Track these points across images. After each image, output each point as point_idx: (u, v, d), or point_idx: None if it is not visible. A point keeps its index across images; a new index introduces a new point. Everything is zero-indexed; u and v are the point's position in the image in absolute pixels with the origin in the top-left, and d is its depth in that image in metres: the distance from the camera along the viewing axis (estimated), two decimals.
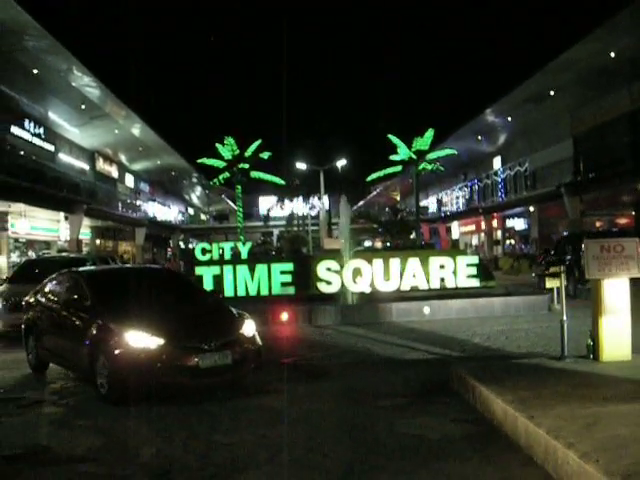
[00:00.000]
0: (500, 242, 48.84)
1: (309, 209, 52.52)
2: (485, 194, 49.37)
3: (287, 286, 14.78)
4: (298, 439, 5.60)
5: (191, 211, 79.89)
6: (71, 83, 32.91)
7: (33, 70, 29.91)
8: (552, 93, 33.67)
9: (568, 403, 5.38)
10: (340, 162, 44.22)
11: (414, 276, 14.58)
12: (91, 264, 14.34)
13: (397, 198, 70.27)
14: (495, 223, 48.47)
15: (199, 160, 49.10)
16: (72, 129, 39.44)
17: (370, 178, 51.21)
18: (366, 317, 13.38)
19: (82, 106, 35.91)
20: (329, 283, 14.43)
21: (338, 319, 13.32)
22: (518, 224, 45.41)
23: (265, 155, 48.36)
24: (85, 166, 43.46)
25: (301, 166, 46.58)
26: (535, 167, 40.06)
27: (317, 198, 48.80)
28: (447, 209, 58.33)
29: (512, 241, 46.64)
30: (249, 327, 7.78)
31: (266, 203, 64.49)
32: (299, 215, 54.31)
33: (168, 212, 64.28)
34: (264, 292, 14.66)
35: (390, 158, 47.31)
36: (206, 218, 78.16)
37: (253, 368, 7.60)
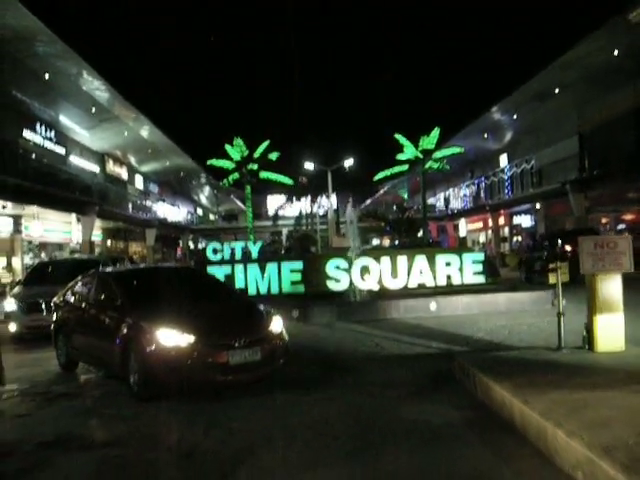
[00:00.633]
0: (507, 239, 49.02)
1: (317, 208, 52.80)
2: (492, 191, 49.45)
3: (297, 284, 15.12)
4: (312, 424, 6.03)
5: (200, 211, 79.90)
6: (81, 87, 33.34)
7: (44, 75, 30.32)
8: (558, 91, 33.84)
9: (560, 389, 5.77)
10: (347, 162, 44.52)
11: (421, 273, 14.92)
12: (102, 265, 14.71)
13: (404, 196, 70.44)
14: (502, 220, 48.65)
15: (208, 162, 49.27)
16: (82, 132, 39.85)
17: (377, 177, 51.45)
18: (374, 314, 13.61)
19: (92, 109, 36.36)
20: (338, 281, 14.74)
21: (347, 316, 13.51)
22: (525, 221, 45.55)
23: (274, 156, 48.54)
24: (96, 168, 43.77)
25: (309, 166, 46.89)
26: (541, 164, 40.13)
27: (325, 197, 49.06)
28: (454, 207, 58.55)
29: (519, 238, 46.80)
30: (277, 324, 7.89)
31: (274, 202, 64.75)
32: (307, 214, 54.56)
33: (177, 213, 64.52)
34: (274, 290, 15.01)
35: (397, 157, 47.71)
36: (215, 218, 78.22)
37: (282, 364, 7.70)
